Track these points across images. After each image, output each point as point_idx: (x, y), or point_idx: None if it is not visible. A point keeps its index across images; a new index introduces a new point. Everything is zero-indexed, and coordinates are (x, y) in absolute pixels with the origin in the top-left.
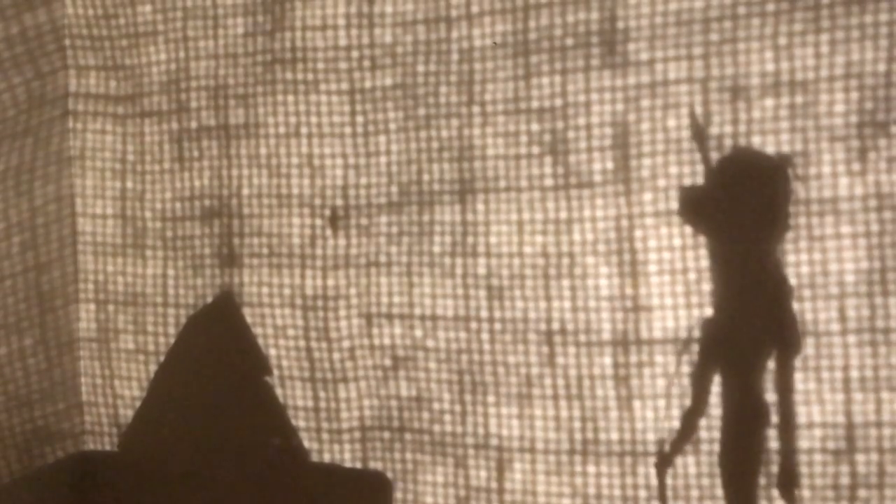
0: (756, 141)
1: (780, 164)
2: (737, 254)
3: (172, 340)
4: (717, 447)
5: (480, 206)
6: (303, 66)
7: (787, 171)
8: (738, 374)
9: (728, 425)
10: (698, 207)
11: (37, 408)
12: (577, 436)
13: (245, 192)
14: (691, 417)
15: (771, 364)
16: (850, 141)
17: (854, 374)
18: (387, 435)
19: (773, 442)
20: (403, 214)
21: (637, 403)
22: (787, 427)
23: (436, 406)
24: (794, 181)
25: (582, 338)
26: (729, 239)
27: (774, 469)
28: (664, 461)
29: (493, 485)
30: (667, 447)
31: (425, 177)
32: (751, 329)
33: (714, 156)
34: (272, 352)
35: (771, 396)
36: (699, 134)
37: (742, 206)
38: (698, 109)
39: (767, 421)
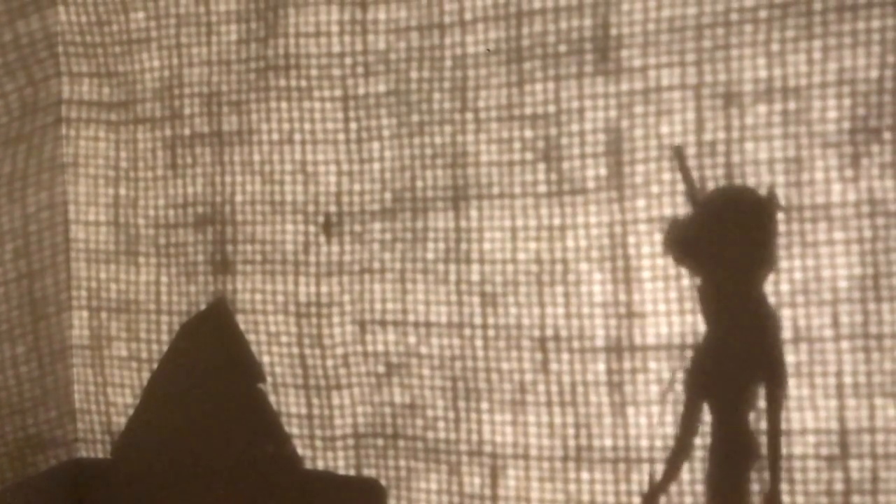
0: (749, 147)
1: (766, 201)
2: (724, 289)
3: (165, 348)
4: (709, 454)
5: (474, 213)
6: (296, 72)
7: (773, 209)
8: (727, 408)
9: (716, 458)
10: (685, 243)
11: (29, 415)
12: (571, 442)
13: (238, 198)
14: (681, 451)
15: (759, 398)
16: (843, 147)
17: (847, 379)
18: (380, 442)
19: (764, 472)
20: (397, 221)
21: (631, 410)
22: (775, 460)
23: (429, 413)
24: (780, 217)
25: (575, 344)
26: (716, 274)
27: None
28: (652, 496)
29: (487, 492)
30: (654, 482)
31: (419, 183)
32: (739, 364)
33: (700, 192)
34: (265, 359)
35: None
36: (685, 171)
37: (728, 243)
38: (690, 116)
39: (756, 455)
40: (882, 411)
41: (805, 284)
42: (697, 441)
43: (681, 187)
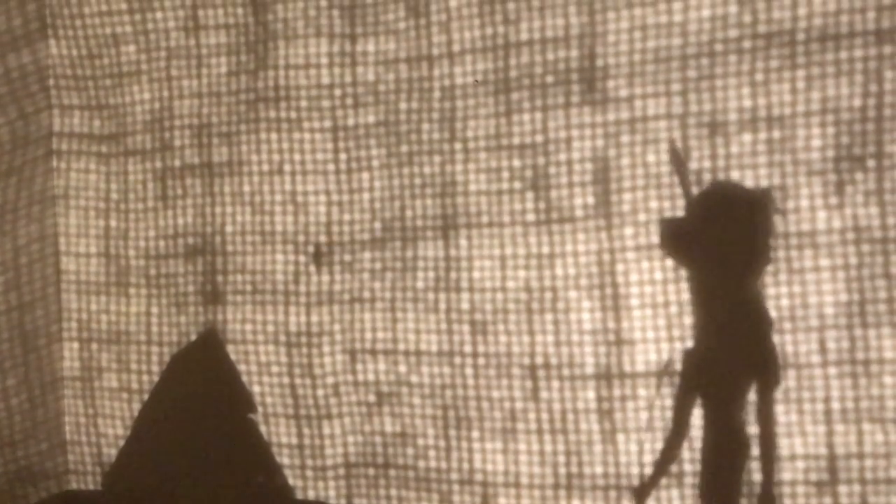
0: (734, 175)
1: (761, 198)
2: (717, 287)
3: (156, 378)
4: (702, 451)
5: (463, 242)
6: (286, 104)
7: (767, 205)
8: (719, 405)
9: (709, 457)
10: (679, 240)
11: (20, 448)
12: (562, 470)
13: (228, 229)
14: (671, 448)
15: (752, 396)
16: (828, 175)
17: (835, 405)
18: (371, 471)
19: (755, 473)
20: (387, 250)
21: (621, 437)
22: (768, 458)
23: (420, 442)
24: (774, 215)
25: (565, 372)
26: (710, 272)
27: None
28: (643, 491)
29: None
30: (645, 477)
31: (408, 213)
32: (732, 361)
33: (694, 189)
34: (256, 388)
35: (752, 428)
36: (680, 167)
37: (723, 240)
38: (677, 143)
39: (748, 452)
40: (870, 436)
41: (792, 311)
42: (687, 444)
43: (668, 210)
